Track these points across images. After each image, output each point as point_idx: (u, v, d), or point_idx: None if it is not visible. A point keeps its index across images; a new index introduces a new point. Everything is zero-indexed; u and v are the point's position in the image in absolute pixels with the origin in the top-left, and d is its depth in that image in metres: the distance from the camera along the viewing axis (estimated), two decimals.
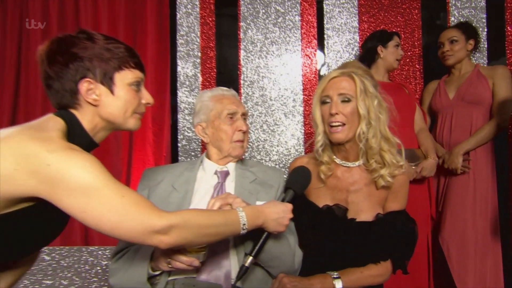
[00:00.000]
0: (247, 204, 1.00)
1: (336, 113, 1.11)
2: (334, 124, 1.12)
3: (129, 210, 0.72)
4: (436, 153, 1.89)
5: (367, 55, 2.03)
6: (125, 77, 0.84)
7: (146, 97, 0.91)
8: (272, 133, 2.28)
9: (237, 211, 0.90)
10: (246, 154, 2.29)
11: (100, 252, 2.08)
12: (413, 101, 1.96)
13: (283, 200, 1.03)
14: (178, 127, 2.28)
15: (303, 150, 2.25)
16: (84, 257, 2.06)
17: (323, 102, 1.16)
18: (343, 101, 1.12)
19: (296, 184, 1.06)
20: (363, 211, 1.17)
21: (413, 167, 1.80)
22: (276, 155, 2.28)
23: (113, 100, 0.83)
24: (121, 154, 2.23)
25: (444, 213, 1.89)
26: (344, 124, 1.11)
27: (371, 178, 1.17)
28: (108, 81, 0.82)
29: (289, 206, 1.00)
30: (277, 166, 2.27)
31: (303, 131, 2.26)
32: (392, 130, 1.16)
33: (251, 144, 2.28)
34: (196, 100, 1.33)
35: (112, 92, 0.83)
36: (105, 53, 0.82)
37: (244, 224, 0.89)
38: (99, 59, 0.81)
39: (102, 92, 0.82)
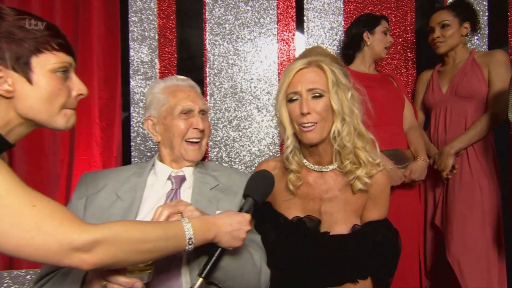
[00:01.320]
0: (202, 214, 1.00)
1: (308, 113, 1.11)
2: (306, 124, 1.13)
3: (41, 223, 0.69)
4: (428, 153, 1.95)
5: (352, 42, 2.04)
6: (46, 62, 0.81)
7: (78, 87, 0.87)
8: (243, 130, 2.28)
9: (182, 222, 0.88)
10: (212, 155, 2.28)
11: (28, 277, 1.98)
12: (402, 95, 1.99)
13: (240, 210, 1.02)
14: (131, 123, 2.25)
15: (279, 150, 2.26)
16: (5, 284, 1.95)
17: (290, 100, 1.16)
18: (314, 97, 1.13)
19: (256, 191, 1.05)
20: (338, 222, 1.19)
21: (401, 170, 1.82)
22: (248, 155, 2.28)
23: (31, 90, 0.79)
24: (60, 155, 2.17)
25: (450, 226, 1.90)
26: (316, 123, 1.12)
27: (347, 181, 1.19)
28: (22, 67, 0.78)
29: (247, 217, 0.99)
30: (248, 169, 2.27)
31: (278, 129, 2.25)
32: (365, 124, 1.18)
33: (217, 144, 2.28)
34: (147, 91, 1.32)
35: (29, 80, 0.79)
36: (17, 32, 0.77)
37: (190, 238, 0.87)
38: (8, 39, 0.77)
39: (16, 80, 0.78)
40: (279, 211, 1.24)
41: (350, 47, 2.05)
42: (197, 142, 1.26)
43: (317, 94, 1.12)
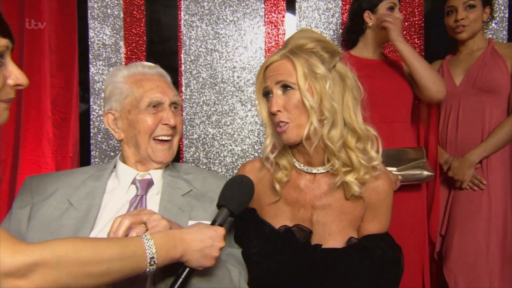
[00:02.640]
0: (171, 224, 0.99)
1: (279, 111, 1.13)
2: (279, 124, 1.15)
3: None
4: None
5: (353, 25, 2.04)
6: None
7: (15, 75, 0.84)
8: (224, 127, 2.28)
9: (142, 238, 0.86)
10: (187, 156, 2.27)
11: None
12: (408, 85, 1.98)
13: (213, 223, 1.02)
14: (91, 117, 2.22)
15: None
16: None
17: (266, 96, 1.20)
18: (284, 92, 1.14)
19: (232, 200, 1.05)
20: (332, 234, 1.19)
21: (397, 173, 1.84)
22: (229, 156, 2.29)
23: None
24: (1, 155, 2.13)
25: (449, 236, 1.91)
26: (288, 122, 1.14)
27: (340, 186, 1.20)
28: None
29: (220, 231, 0.99)
30: (229, 173, 2.27)
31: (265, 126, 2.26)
32: (365, 118, 1.18)
33: (193, 143, 2.27)
34: (106, 79, 1.31)
35: None
36: None
37: (152, 258, 0.85)
38: None
39: None
40: (264, 219, 1.24)
41: (352, 30, 2.05)
42: (167, 141, 1.25)
43: (285, 86, 1.14)
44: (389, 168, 1.79)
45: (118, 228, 0.93)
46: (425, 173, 1.86)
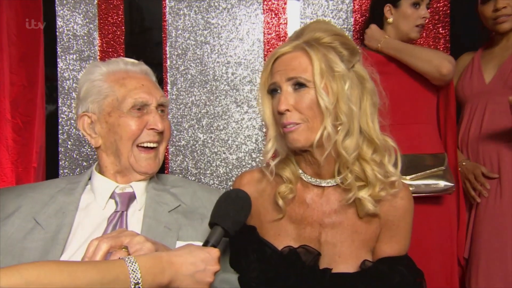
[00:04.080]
0: (156, 247, 0.99)
1: (287, 110, 1.13)
2: (287, 125, 1.15)
3: None
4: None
5: (371, 18, 2.08)
6: None
7: None
8: (217, 132, 2.27)
9: (126, 261, 0.87)
10: (173, 166, 2.25)
11: None
12: (430, 84, 2.01)
13: (205, 244, 1.02)
14: (60, 120, 2.21)
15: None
16: None
17: (272, 92, 1.20)
18: (296, 89, 1.15)
19: (226, 218, 1.06)
20: (343, 256, 1.19)
21: (410, 183, 1.86)
22: (223, 166, 2.27)
23: None
24: None
25: (474, 260, 1.92)
26: (299, 123, 1.15)
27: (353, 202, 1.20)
28: None
29: (214, 253, 1.00)
30: (223, 185, 2.26)
31: (264, 130, 2.22)
32: (383, 128, 1.20)
33: (181, 150, 2.26)
34: (81, 77, 1.31)
35: None
36: None
37: (136, 284, 0.86)
38: None
39: None
40: (265, 238, 1.24)
41: (372, 24, 2.08)
42: (153, 148, 1.26)
43: (299, 83, 1.14)
44: None
45: (95, 254, 0.93)
46: (443, 183, 1.86)
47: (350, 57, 1.17)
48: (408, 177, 1.84)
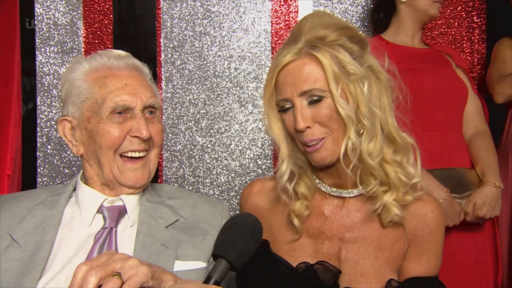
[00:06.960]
0: (153, 271, 0.93)
1: (308, 127, 1.13)
2: (309, 143, 1.14)
3: None
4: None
5: (381, 3, 2.04)
6: None
7: None
8: (218, 135, 2.24)
9: None
10: (168, 174, 2.23)
11: None
12: (464, 85, 1.95)
13: (207, 279, 0.97)
14: (38, 121, 2.20)
15: (271, 165, 2.24)
16: None
17: (282, 109, 1.19)
18: (311, 103, 1.13)
19: (232, 249, 1.01)
20: (366, 275, 1.19)
21: (460, 202, 1.81)
22: (224, 174, 2.25)
23: None
24: None
25: None
26: (323, 138, 1.15)
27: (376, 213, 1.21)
28: None
29: None
30: (224, 195, 2.24)
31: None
32: (404, 124, 1.20)
33: (177, 156, 2.24)
34: (62, 75, 1.30)
35: None
36: None
37: None
38: None
39: None
40: (279, 254, 1.24)
41: (380, 8, 2.05)
42: (140, 158, 1.23)
43: (314, 98, 1.13)
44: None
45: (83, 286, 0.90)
46: None
47: (361, 51, 1.17)
48: (457, 196, 1.81)
